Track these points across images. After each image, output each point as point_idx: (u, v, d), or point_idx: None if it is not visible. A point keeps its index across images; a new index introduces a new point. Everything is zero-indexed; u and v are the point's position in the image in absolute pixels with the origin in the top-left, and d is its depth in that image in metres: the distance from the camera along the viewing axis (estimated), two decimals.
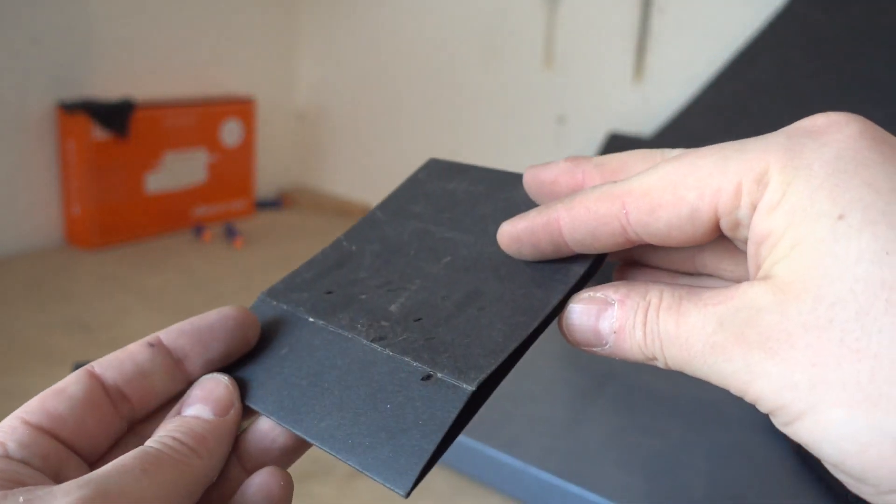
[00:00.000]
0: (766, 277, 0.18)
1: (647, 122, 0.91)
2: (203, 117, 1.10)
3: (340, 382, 0.24)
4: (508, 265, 0.26)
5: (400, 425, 0.22)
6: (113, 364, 0.24)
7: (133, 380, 0.24)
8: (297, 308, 0.27)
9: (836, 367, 0.16)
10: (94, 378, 0.23)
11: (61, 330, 0.77)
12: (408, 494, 0.21)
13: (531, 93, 1.02)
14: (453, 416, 0.21)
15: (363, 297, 0.26)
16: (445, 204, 0.30)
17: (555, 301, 0.23)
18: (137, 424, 0.24)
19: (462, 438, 0.56)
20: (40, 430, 0.22)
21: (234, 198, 1.18)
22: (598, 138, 0.94)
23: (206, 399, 0.24)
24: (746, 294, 0.19)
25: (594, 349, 0.22)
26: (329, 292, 0.27)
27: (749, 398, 0.18)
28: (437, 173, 0.32)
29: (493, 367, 0.22)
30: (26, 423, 0.22)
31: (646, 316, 0.21)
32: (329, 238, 0.31)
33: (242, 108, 1.16)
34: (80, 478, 0.19)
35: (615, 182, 0.22)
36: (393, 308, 0.25)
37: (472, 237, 0.28)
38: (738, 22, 0.84)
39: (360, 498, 0.55)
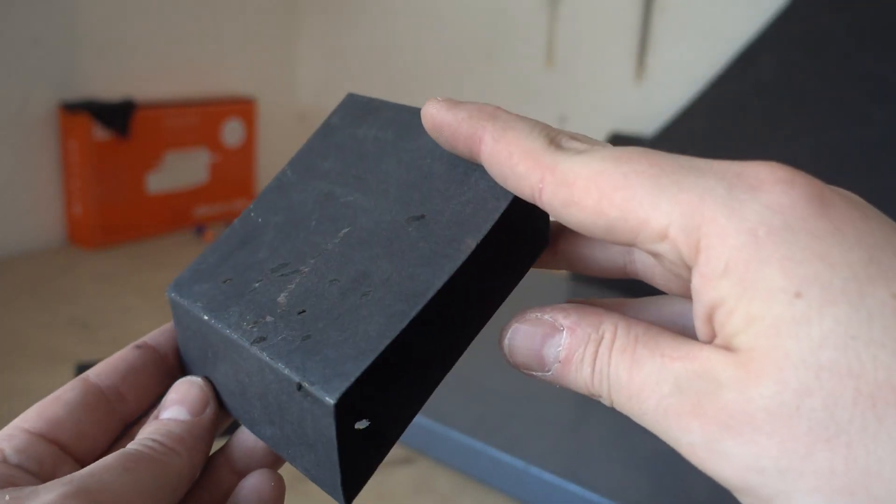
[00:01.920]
0: (726, 347, 0.17)
1: (649, 121, 0.91)
2: (204, 117, 1.10)
3: (255, 390, 0.23)
4: (402, 238, 0.24)
5: (307, 439, 0.22)
6: (106, 368, 0.25)
7: (128, 377, 0.25)
8: (195, 304, 0.25)
9: (807, 456, 0.16)
10: (89, 383, 0.25)
11: (63, 329, 0.77)
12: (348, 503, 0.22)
13: (532, 92, 1.02)
14: (333, 433, 0.20)
15: (257, 284, 0.24)
16: (353, 157, 0.27)
17: (439, 284, 0.22)
18: (133, 428, 0.25)
19: (464, 438, 0.56)
20: (38, 435, 0.23)
21: (236, 197, 1.18)
22: (600, 138, 0.94)
23: (182, 401, 0.25)
24: (709, 360, 0.17)
25: (534, 374, 0.21)
26: (227, 280, 0.25)
27: (707, 473, 0.17)
28: (352, 115, 0.29)
29: (358, 373, 0.20)
30: (24, 430, 0.23)
31: (596, 352, 0.20)
32: None
33: (244, 107, 1.16)
34: (65, 476, 0.20)
35: (550, 145, 0.20)
36: (281, 298, 0.24)
37: (372, 200, 0.25)
38: (739, 21, 0.84)
39: (362, 496, 0.55)
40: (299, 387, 0.21)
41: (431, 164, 0.25)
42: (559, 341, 0.21)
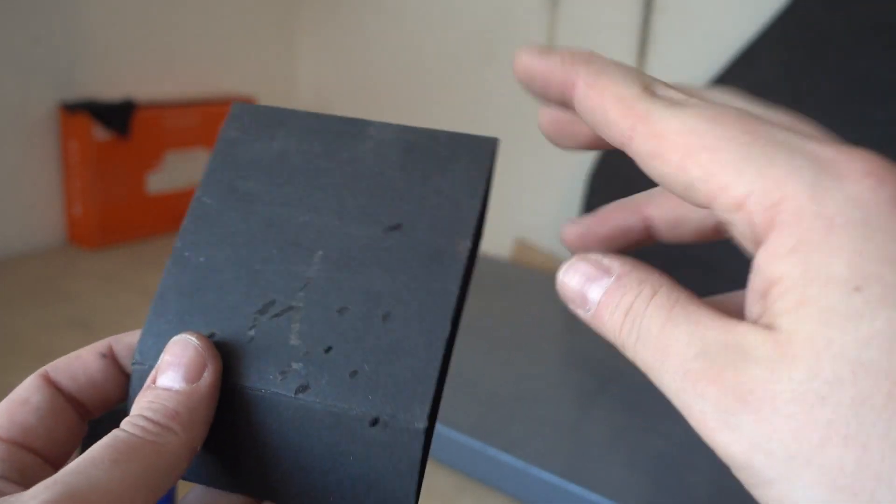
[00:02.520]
0: (769, 326, 0.17)
1: None
2: (204, 117, 1.10)
3: (287, 446, 0.22)
4: (389, 251, 0.23)
5: (373, 473, 0.21)
6: (67, 371, 0.23)
7: (85, 389, 0.23)
8: None
9: (820, 448, 0.16)
10: (52, 384, 0.23)
11: (63, 329, 0.77)
12: None
13: None
14: (418, 454, 0.21)
15: (252, 332, 0.23)
16: (281, 174, 0.25)
17: (455, 289, 0.23)
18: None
19: (465, 439, 0.56)
20: (14, 443, 0.21)
21: None
22: None
23: (176, 364, 0.22)
24: (745, 335, 0.17)
25: (577, 311, 0.22)
26: (212, 335, 0.23)
27: (710, 443, 0.17)
28: (253, 126, 0.27)
29: (431, 393, 0.21)
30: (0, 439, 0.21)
31: (633, 301, 0.20)
32: None
33: None
34: (48, 478, 0.18)
35: (644, 92, 0.20)
36: (294, 342, 0.23)
37: (332, 219, 0.24)
38: (739, 22, 0.84)
39: None
40: (374, 422, 0.21)
41: (383, 172, 0.25)
42: (604, 284, 0.21)
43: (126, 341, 0.24)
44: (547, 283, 0.94)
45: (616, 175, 0.91)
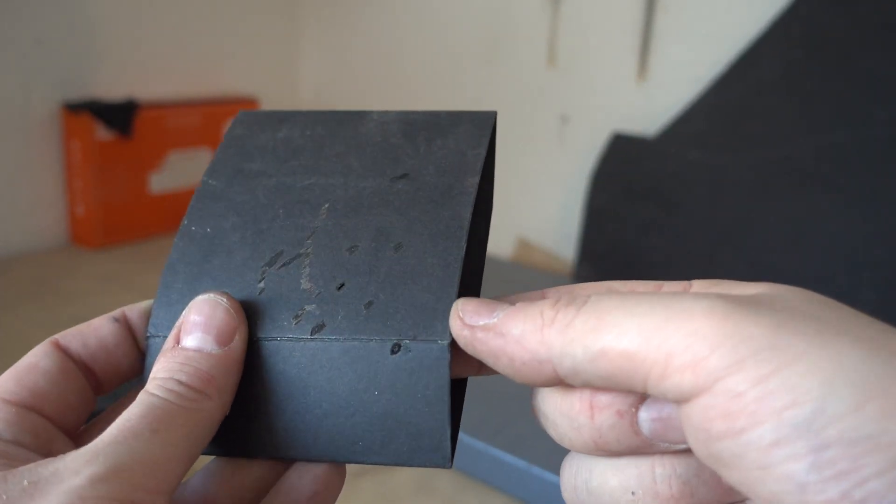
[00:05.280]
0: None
1: (651, 122, 0.91)
2: (207, 117, 1.10)
3: (308, 394, 0.21)
4: (397, 195, 0.23)
5: (401, 406, 0.20)
6: (77, 337, 0.23)
7: (96, 353, 0.22)
8: None
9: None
10: (61, 350, 0.22)
11: (65, 329, 0.77)
12: (451, 464, 0.21)
13: (534, 92, 1.02)
14: (446, 373, 0.20)
15: (261, 284, 0.22)
16: (286, 153, 0.26)
17: (467, 215, 0.22)
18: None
19: (467, 438, 0.56)
20: (24, 407, 0.20)
21: None
22: (602, 138, 0.94)
23: (207, 326, 0.21)
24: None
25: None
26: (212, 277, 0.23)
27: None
28: (257, 125, 0.27)
29: (449, 309, 0.21)
30: (8, 402, 0.20)
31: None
32: None
33: (246, 107, 1.16)
34: (85, 449, 0.17)
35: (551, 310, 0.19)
36: (305, 285, 0.22)
37: (339, 178, 0.24)
38: (742, 21, 0.84)
39: (364, 497, 0.55)
40: (395, 348, 0.20)
41: (386, 139, 0.25)
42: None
43: (140, 307, 0.24)
44: (548, 283, 0.94)
45: (617, 174, 0.91)
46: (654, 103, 0.91)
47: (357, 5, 1.21)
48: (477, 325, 0.19)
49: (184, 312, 0.22)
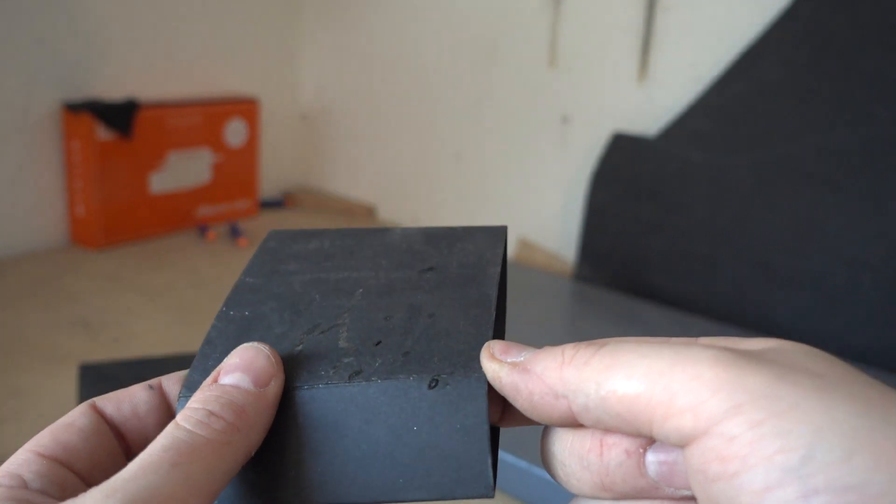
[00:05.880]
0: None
1: (652, 121, 0.91)
2: (207, 117, 1.10)
3: (346, 437, 0.21)
4: (428, 280, 0.25)
5: (440, 438, 0.21)
6: (113, 400, 0.23)
7: (129, 418, 0.23)
8: None
9: None
10: (97, 411, 0.23)
11: (66, 329, 0.77)
12: (493, 492, 0.21)
13: (535, 93, 1.02)
14: (484, 403, 0.21)
15: (300, 348, 0.23)
16: (320, 257, 0.28)
17: (493, 294, 0.24)
18: None
19: None
20: (55, 460, 0.21)
21: (239, 198, 1.19)
22: (603, 138, 0.94)
23: (247, 368, 0.21)
24: None
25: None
26: None
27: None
28: (289, 239, 0.30)
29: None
30: (40, 455, 0.21)
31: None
32: None
33: (246, 108, 1.16)
34: (105, 485, 0.17)
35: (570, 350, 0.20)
36: (343, 344, 0.23)
37: (370, 272, 0.26)
38: (743, 21, 0.84)
39: None
40: (433, 383, 0.21)
41: (411, 245, 0.28)
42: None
43: (176, 376, 0.24)
44: (550, 283, 0.94)
45: (618, 174, 0.91)
46: (654, 103, 0.91)
47: (357, 6, 1.21)
48: (505, 360, 0.21)
49: (227, 357, 0.22)
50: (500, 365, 0.21)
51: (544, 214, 1.04)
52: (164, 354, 0.64)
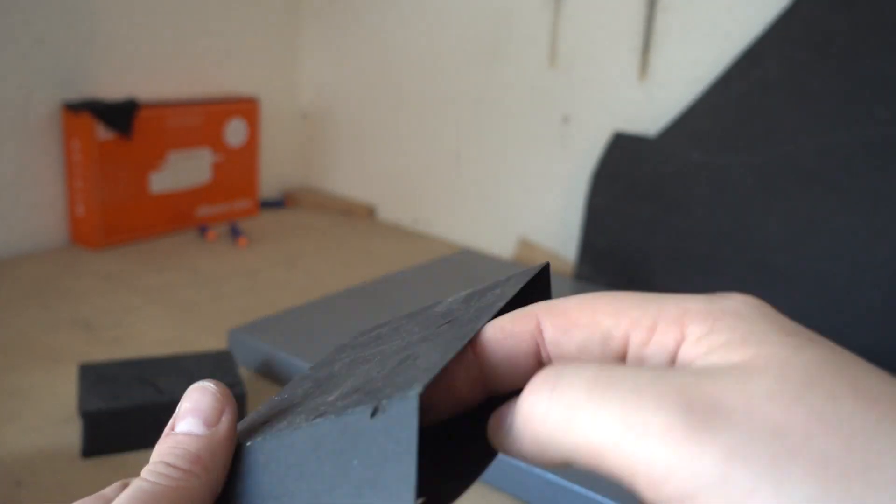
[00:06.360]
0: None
1: (653, 121, 0.91)
2: (207, 117, 1.10)
3: (300, 478, 0.22)
4: (439, 331, 0.25)
5: (375, 470, 0.20)
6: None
7: None
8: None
9: (803, 441, 0.16)
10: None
11: (66, 329, 0.77)
12: None
13: (535, 92, 1.02)
14: (413, 429, 0.19)
15: (299, 407, 0.24)
16: (370, 340, 0.30)
17: (480, 325, 0.24)
18: None
19: None
20: None
21: (239, 197, 1.18)
22: (603, 137, 0.94)
23: (195, 411, 0.23)
24: (695, 364, 0.19)
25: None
26: (265, 422, 0.25)
27: (663, 470, 0.17)
28: (359, 334, 0.32)
29: (435, 373, 0.20)
30: None
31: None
32: (332, 235, 0.31)
33: (247, 107, 1.16)
34: None
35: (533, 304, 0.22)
36: (330, 398, 0.23)
37: (397, 342, 0.27)
38: (743, 21, 0.84)
39: None
40: (374, 412, 0.20)
41: (450, 307, 0.28)
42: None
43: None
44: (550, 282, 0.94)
45: (618, 174, 0.91)
46: (655, 103, 0.91)
47: (358, 5, 1.21)
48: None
49: (180, 402, 0.24)
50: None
51: (544, 214, 1.04)
52: (164, 354, 0.64)
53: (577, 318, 0.21)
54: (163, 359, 0.62)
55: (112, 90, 1.03)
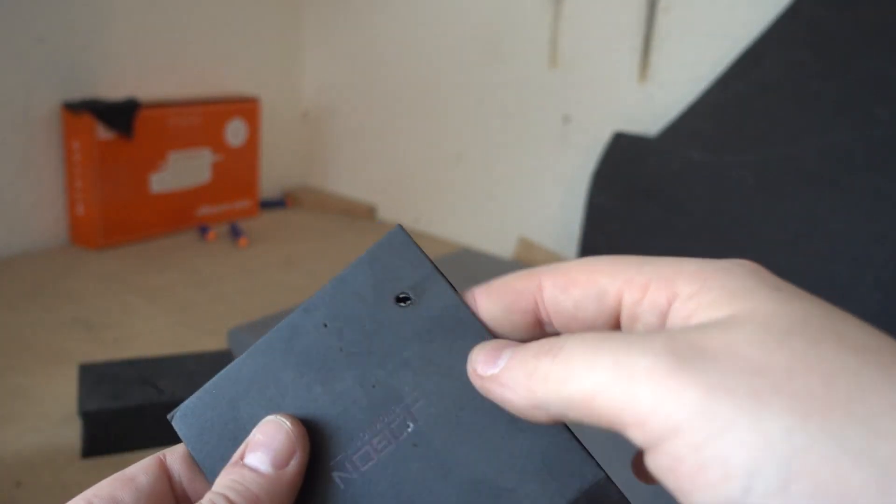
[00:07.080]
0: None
1: (653, 121, 0.91)
2: (208, 117, 1.10)
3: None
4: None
5: None
6: (180, 454, 0.24)
7: (197, 479, 0.24)
8: None
9: (785, 378, 0.16)
10: (163, 469, 0.24)
11: (66, 329, 0.77)
12: None
13: (536, 92, 1.02)
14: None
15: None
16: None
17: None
18: None
19: None
20: None
21: (239, 197, 1.18)
22: (604, 138, 0.94)
23: (266, 446, 0.22)
24: (683, 323, 0.20)
25: (486, 371, 0.23)
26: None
27: (650, 403, 0.17)
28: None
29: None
30: (91, 500, 0.22)
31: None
32: (332, 235, 0.30)
33: (247, 107, 1.16)
34: None
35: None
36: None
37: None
38: (743, 21, 0.84)
39: None
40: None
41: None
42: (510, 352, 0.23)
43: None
44: None
45: (618, 174, 0.91)
46: (655, 103, 0.91)
47: (359, 5, 1.21)
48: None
49: (253, 430, 0.23)
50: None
51: (545, 214, 1.04)
52: (164, 354, 0.64)
53: (576, 277, 0.22)
54: (163, 359, 0.62)
55: (112, 90, 1.03)
